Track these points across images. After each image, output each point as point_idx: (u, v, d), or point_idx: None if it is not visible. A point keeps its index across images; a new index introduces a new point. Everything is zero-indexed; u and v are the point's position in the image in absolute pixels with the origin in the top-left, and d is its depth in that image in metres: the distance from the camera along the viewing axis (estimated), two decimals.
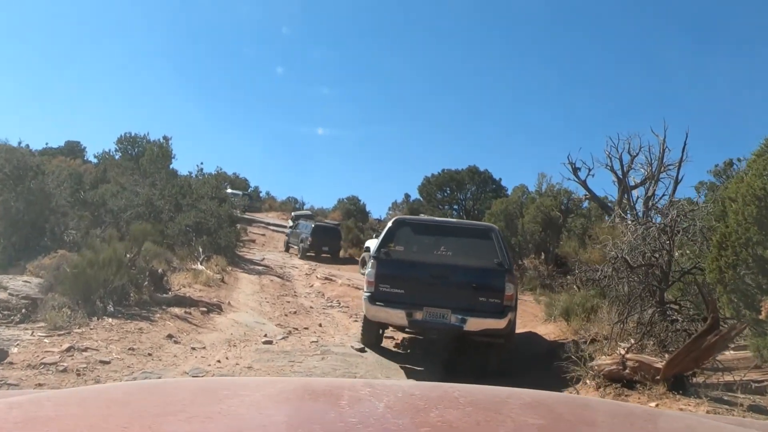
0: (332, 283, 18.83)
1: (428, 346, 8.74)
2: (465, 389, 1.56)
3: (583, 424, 1.38)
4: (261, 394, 1.43)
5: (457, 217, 29.72)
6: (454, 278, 7.62)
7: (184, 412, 1.21)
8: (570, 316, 10.34)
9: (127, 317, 8.01)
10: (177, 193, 22.29)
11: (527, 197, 22.99)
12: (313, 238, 25.45)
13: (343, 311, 14.01)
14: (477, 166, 28.76)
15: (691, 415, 2.28)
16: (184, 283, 13.48)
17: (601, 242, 14.52)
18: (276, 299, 14.59)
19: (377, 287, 7.68)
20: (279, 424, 1.19)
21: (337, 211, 40.16)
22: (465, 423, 1.24)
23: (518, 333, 8.89)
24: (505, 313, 7.35)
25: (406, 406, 1.35)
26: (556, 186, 21.93)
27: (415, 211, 31.33)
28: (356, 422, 1.15)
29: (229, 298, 13.00)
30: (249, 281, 17.49)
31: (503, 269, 7.53)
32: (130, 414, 1.19)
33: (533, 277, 19.78)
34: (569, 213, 21.25)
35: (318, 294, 16.85)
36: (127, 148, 31.22)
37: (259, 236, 36.12)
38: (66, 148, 48.24)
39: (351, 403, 1.38)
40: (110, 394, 1.43)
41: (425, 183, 29.51)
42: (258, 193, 60.04)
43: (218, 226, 20.68)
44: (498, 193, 27.79)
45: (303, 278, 20.43)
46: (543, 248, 21.16)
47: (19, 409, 1.20)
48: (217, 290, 13.78)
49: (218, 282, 14.86)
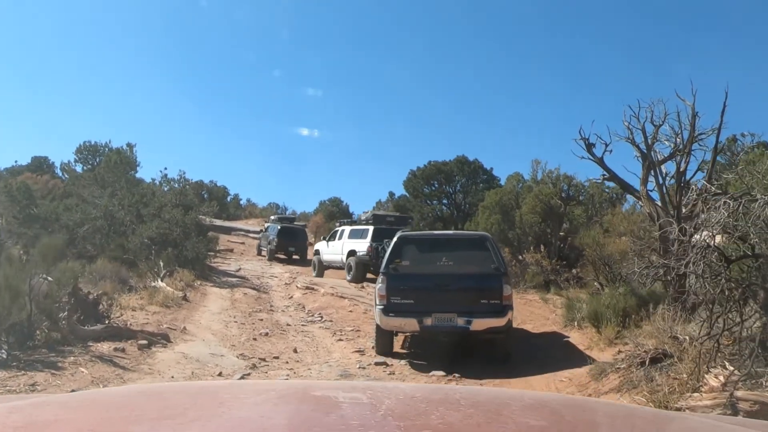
0: (314, 292, 16.78)
1: (429, 343, 9.13)
2: (467, 391, 1.74)
3: (584, 425, 1.36)
4: (261, 398, 1.45)
5: (448, 213, 27.93)
6: (457, 285, 8.35)
7: (183, 415, 1.22)
8: (600, 321, 8.42)
9: (24, 366, 5.93)
10: (138, 202, 20.16)
11: (523, 186, 21.11)
12: (278, 239, 25.93)
13: (325, 327, 11.99)
14: (466, 155, 26.88)
15: (693, 415, 2.14)
16: (136, 305, 11.40)
17: (627, 231, 12.65)
18: (247, 317, 12.55)
19: (389, 300, 8.31)
20: (279, 427, 1.18)
21: (319, 213, 38.07)
22: (466, 425, 1.22)
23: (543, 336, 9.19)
24: (505, 311, 8.15)
25: (407, 409, 1.36)
26: (554, 172, 20.06)
27: (402, 208, 29.37)
28: (357, 425, 1.16)
29: (187, 320, 10.93)
30: (219, 296, 15.42)
31: (500, 273, 8.34)
32: (129, 418, 1.20)
33: (536, 272, 17.90)
34: (570, 200, 19.41)
35: (298, 306, 14.82)
36: (88, 157, 28.93)
37: (238, 245, 34.12)
38: (33, 164, 45.83)
39: (352, 405, 1.39)
40: (110, 398, 1.46)
41: (411, 177, 27.43)
42: (238, 200, 57.97)
43: (184, 237, 18.55)
44: (490, 183, 25.84)
45: (282, 288, 18.39)
46: (544, 240, 19.29)
47: (19, 413, 1.21)
48: (176, 312, 11.70)
49: (179, 301, 12.78)
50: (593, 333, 8.52)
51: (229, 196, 56.65)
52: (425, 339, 9.16)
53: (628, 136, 9.98)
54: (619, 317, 8.43)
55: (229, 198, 56.66)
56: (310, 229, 34.96)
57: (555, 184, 19.47)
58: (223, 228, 40.82)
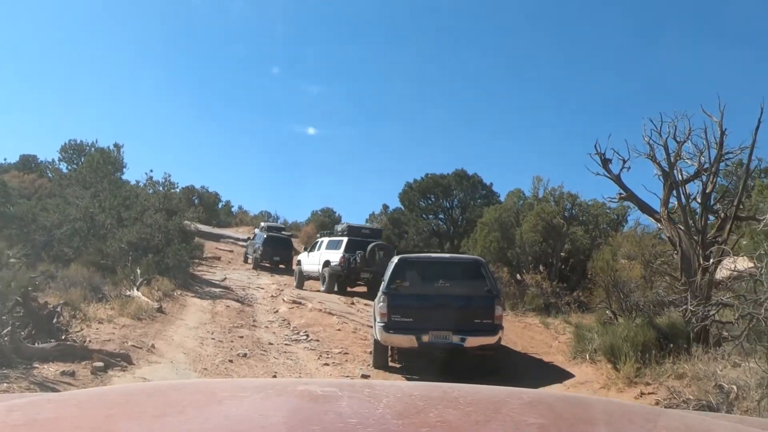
0: (301, 307, 15.80)
1: (418, 356, 9.68)
2: (464, 389, 1.58)
3: (582, 422, 1.34)
4: (260, 396, 1.42)
5: (444, 228, 27.04)
6: (452, 305, 9.01)
7: (183, 413, 1.21)
8: (617, 356, 7.52)
9: None
10: (120, 204, 19.18)
11: (524, 203, 20.27)
12: (264, 248, 25.57)
13: (311, 348, 11.03)
14: (465, 169, 25.97)
15: (691, 413, 2.15)
16: (104, 317, 10.41)
17: (638, 255, 11.84)
18: (227, 333, 11.57)
19: (390, 318, 8.90)
20: (278, 425, 1.17)
21: (311, 223, 37.11)
22: (464, 423, 1.21)
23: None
24: (496, 330, 8.91)
25: (405, 407, 1.34)
26: (557, 190, 19.24)
27: (396, 222, 28.46)
28: (356, 423, 1.14)
29: (158, 336, 9.95)
30: (199, 308, 14.43)
31: (493, 295, 9.10)
32: (129, 416, 1.20)
33: (536, 294, 17.02)
34: (573, 220, 18.58)
35: (282, 322, 13.83)
36: (73, 157, 27.90)
37: (226, 253, 33.07)
38: (20, 162, 44.66)
39: (350, 403, 1.37)
40: (109, 397, 1.44)
41: (407, 190, 26.47)
42: (230, 207, 56.88)
43: (166, 243, 17.56)
44: (489, 199, 24.92)
45: (268, 301, 17.38)
46: (544, 261, 18.43)
47: (19, 412, 1.21)
48: (147, 325, 10.71)
49: (153, 313, 11.78)
50: (609, 369, 7.62)
51: (221, 203, 55.63)
52: (411, 354, 9.77)
53: (649, 153, 9.14)
54: (638, 352, 7.53)
55: (221, 204, 55.66)
56: (301, 239, 34.03)
57: (558, 203, 18.65)
58: (211, 235, 39.73)
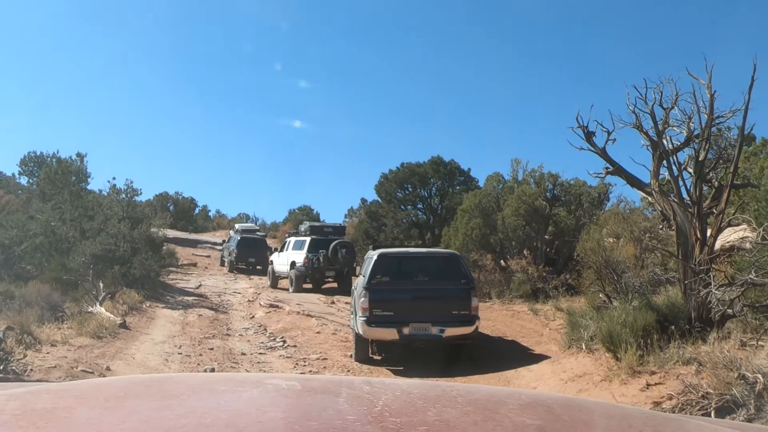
0: (278, 311, 15.04)
1: (398, 348, 10.00)
2: (463, 389, 1.59)
3: (580, 424, 1.35)
4: (258, 391, 1.43)
5: (423, 218, 26.38)
6: (431, 298, 9.39)
7: (181, 406, 1.21)
8: (617, 343, 6.89)
9: None
10: (82, 216, 18.16)
11: (504, 187, 19.65)
12: (238, 250, 25.22)
13: (287, 355, 10.29)
14: (441, 156, 25.28)
15: (689, 418, 2.06)
16: (58, 338, 9.53)
17: (626, 232, 11.27)
18: (196, 345, 10.77)
19: (371, 312, 9.22)
20: (276, 420, 1.16)
21: (288, 222, 36.22)
22: (463, 422, 1.21)
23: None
24: (473, 321, 9.31)
25: (404, 405, 1.34)
26: (537, 171, 18.65)
27: (374, 215, 27.73)
28: (354, 420, 1.15)
29: (117, 356, 9.12)
30: (168, 320, 13.57)
31: (468, 287, 9.48)
32: (128, 408, 1.20)
33: (522, 280, 16.45)
34: (556, 200, 18.01)
35: (258, 329, 13.07)
36: (33, 170, 26.69)
37: (203, 258, 32.06)
38: None
39: (349, 400, 1.38)
40: (108, 388, 1.44)
41: (383, 181, 25.71)
42: (206, 211, 55.69)
43: (132, 253, 16.61)
44: (468, 185, 24.28)
45: (244, 307, 16.59)
46: (529, 245, 17.86)
47: (18, 401, 1.21)
48: (107, 344, 9.85)
49: (115, 329, 10.91)
50: (609, 359, 6.98)
51: (197, 208, 54.44)
52: (391, 346, 10.01)
53: (635, 122, 8.51)
54: (639, 338, 6.91)
55: (197, 210, 54.44)
56: (279, 238, 33.17)
57: (539, 184, 18.06)
58: (188, 241, 38.71)
